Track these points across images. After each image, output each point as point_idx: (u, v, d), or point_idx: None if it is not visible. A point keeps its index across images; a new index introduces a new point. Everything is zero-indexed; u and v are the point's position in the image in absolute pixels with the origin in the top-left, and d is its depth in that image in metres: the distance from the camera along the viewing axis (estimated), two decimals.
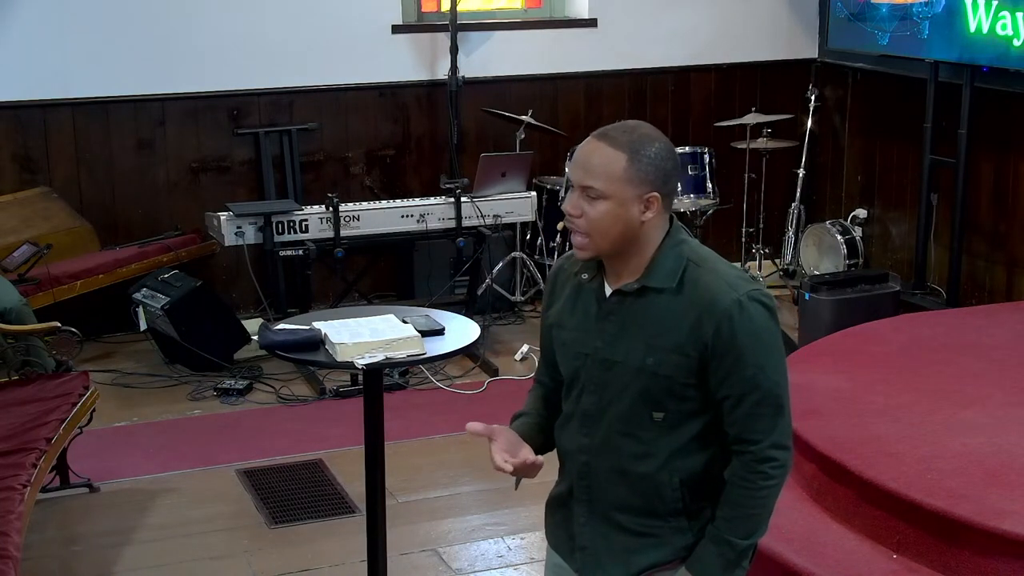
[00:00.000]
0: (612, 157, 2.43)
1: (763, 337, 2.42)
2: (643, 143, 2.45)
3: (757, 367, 2.41)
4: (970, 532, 3.69)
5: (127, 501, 4.89)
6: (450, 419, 5.66)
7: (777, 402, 2.43)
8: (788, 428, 2.46)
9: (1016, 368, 4.91)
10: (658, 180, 2.43)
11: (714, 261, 2.49)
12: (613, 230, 2.43)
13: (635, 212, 2.43)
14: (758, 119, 7.10)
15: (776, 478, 2.45)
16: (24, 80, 6.57)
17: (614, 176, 2.41)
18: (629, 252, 2.47)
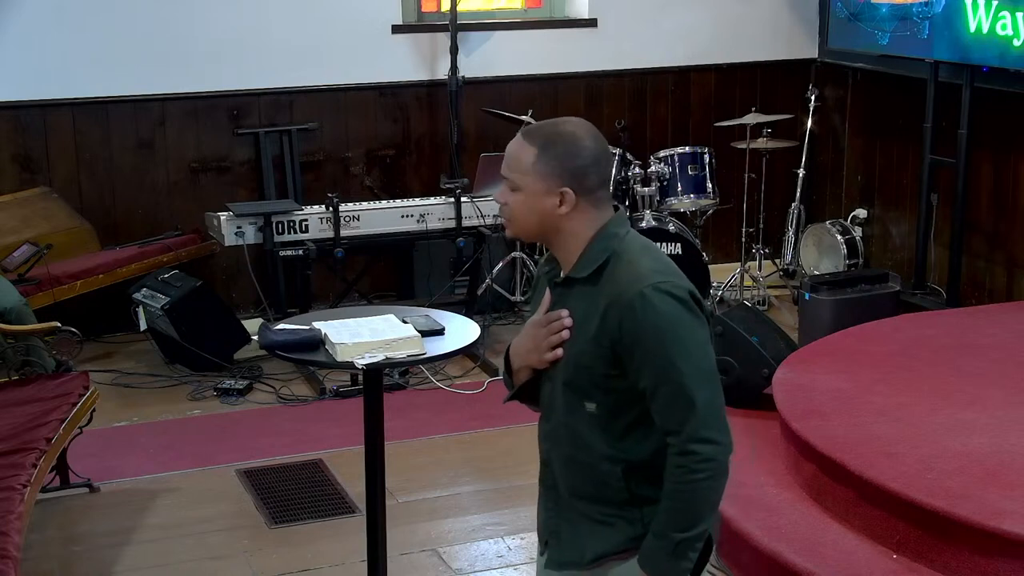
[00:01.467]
0: (524, 151, 2.50)
1: (668, 329, 2.40)
2: (556, 139, 2.49)
3: (665, 359, 2.40)
4: (970, 532, 3.69)
5: (127, 501, 4.89)
6: (450, 419, 5.66)
7: (688, 394, 2.39)
8: (711, 421, 2.41)
9: (1016, 368, 4.91)
10: (567, 175, 2.47)
11: (638, 254, 2.49)
12: (528, 220, 2.52)
13: (549, 205, 2.49)
14: (758, 119, 7.10)
15: (703, 472, 2.40)
16: (24, 80, 6.57)
17: (523, 169, 2.49)
18: (556, 243, 2.55)
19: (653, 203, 6.82)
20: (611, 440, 2.50)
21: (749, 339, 5.22)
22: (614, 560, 2.55)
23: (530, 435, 5.80)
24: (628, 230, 2.56)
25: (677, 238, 6.61)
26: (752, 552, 4.06)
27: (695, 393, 2.40)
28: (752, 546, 4.06)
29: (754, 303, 6.95)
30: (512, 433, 5.51)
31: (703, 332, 2.45)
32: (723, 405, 2.46)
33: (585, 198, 2.49)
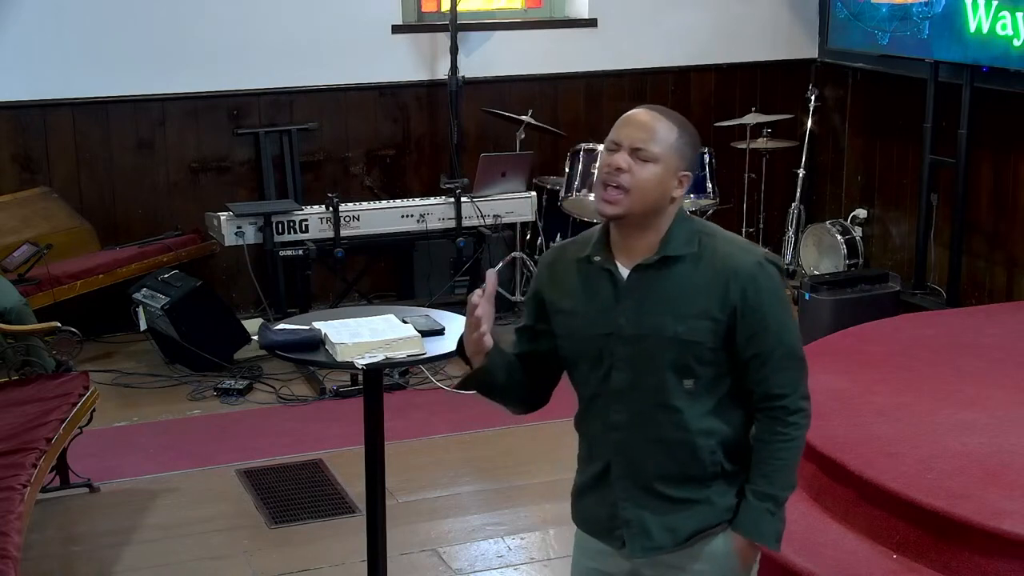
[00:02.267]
0: (668, 128, 2.58)
1: (781, 296, 2.57)
2: (684, 124, 2.62)
3: (780, 324, 2.55)
4: (970, 532, 3.69)
5: (127, 501, 4.89)
6: (450, 419, 5.66)
7: (799, 355, 2.59)
8: (805, 388, 2.60)
9: (1016, 368, 4.91)
10: (691, 162, 2.60)
11: (723, 231, 2.63)
12: (652, 194, 2.55)
13: (671, 184, 2.57)
14: (758, 119, 7.10)
15: (805, 427, 2.60)
16: (24, 80, 6.57)
17: (669, 144, 2.56)
18: (648, 224, 2.58)
19: None
20: (707, 414, 2.58)
21: None
22: (706, 536, 2.63)
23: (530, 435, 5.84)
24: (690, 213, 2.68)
25: None
26: None
27: (801, 353, 2.60)
28: None
29: None
30: (512, 433, 5.51)
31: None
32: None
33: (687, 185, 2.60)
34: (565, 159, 6.97)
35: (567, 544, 4.55)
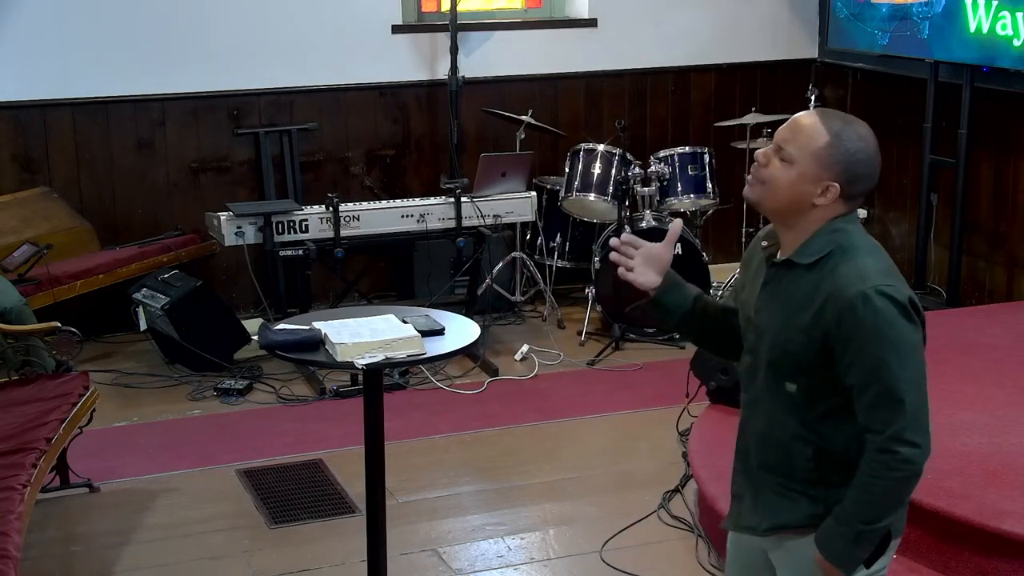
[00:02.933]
0: (818, 134, 2.54)
1: (886, 332, 2.45)
2: (848, 135, 2.54)
3: (879, 360, 2.45)
4: (970, 532, 3.69)
5: (127, 501, 4.89)
6: (450, 419, 5.66)
7: (897, 396, 2.45)
8: (915, 424, 2.46)
9: (1016, 368, 4.91)
10: (843, 173, 2.52)
11: (864, 253, 2.53)
12: (783, 193, 2.55)
13: (810, 190, 2.53)
14: (758, 119, 7.10)
15: (899, 471, 2.47)
16: (24, 80, 6.57)
17: (810, 151, 2.53)
18: (790, 223, 2.58)
19: (653, 203, 6.82)
20: (807, 421, 2.58)
21: None
22: (791, 533, 2.63)
23: (530, 435, 5.85)
24: (856, 227, 2.59)
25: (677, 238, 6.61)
26: None
27: (905, 396, 2.45)
28: None
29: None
30: (512, 433, 5.51)
31: (916, 338, 2.49)
32: (928, 411, 2.50)
33: (843, 201, 2.55)
34: (565, 159, 6.98)
35: (567, 544, 4.57)
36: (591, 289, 6.69)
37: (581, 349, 6.57)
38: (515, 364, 6.35)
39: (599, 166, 6.79)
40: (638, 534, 4.56)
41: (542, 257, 7.13)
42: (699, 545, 4.45)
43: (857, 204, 2.59)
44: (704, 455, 4.75)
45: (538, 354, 6.42)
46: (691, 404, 5.37)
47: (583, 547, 4.49)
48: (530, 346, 6.46)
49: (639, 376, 6.21)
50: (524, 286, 7.16)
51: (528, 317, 7.08)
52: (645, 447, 5.37)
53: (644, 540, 4.52)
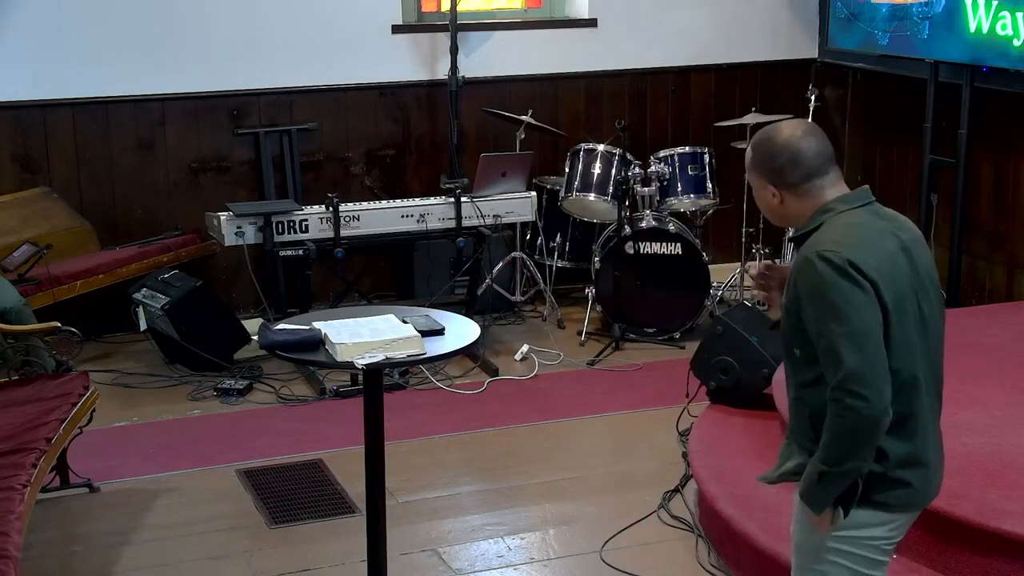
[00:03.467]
0: (748, 155, 2.92)
1: (824, 292, 2.69)
2: (757, 142, 2.89)
3: (821, 318, 2.71)
4: (970, 532, 3.69)
5: (127, 501, 4.89)
6: (450, 419, 5.66)
7: (836, 352, 2.67)
8: (856, 379, 2.66)
9: (1016, 368, 4.91)
10: (769, 173, 2.84)
11: (836, 227, 2.78)
12: (768, 214, 2.93)
13: (770, 200, 2.87)
14: (758, 119, 7.09)
15: (844, 418, 2.68)
16: (24, 80, 6.58)
17: (749, 172, 2.91)
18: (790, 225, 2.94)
19: (653, 203, 6.82)
20: (805, 383, 2.84)
21: (749, 339, 5.22)
22: (792, 481, 2.88)
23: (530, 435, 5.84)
24: (849, 207, 2.81)
25: (677, 238, 6.62)
26: (752, 552, 4.06)
27: (843, 351, 2.67)
28: (752, 546, 4.06)
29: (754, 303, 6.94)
30: (512, 433, 5.51)
31: (857, 298, 2.68)
32: (877, 365, 2.69)
33: (793, 191, 2.83)
34: (565, 159, 6.98)
35: (567, 544, 4.57)
36: (591, 289, 6.69)
37: (581, 349, 6.57)
38: (515, 364, 6.35)
39: (599, 166, 6.79)
40: (638, 534, 4.56)
41: (542, 257, 7.13)
42: (699, 545, 4.45)
43: (813, 189, 2.81)
44: (704, 455, 4.75)
45: (538, 354, 6.42)
46: (691, 404, 5.38)
47: (583, 547, 4.49)
48: (530, 346, 6.46)
49: (639, 376, 6.21)
50: (524, 286, 7.16)
51: (528, 317, 7.08)
52: (645, 447, 5.36)
53: (644, 540, 4.52)
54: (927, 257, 2.87)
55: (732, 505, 4.28)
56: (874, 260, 2.71)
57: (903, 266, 2.78)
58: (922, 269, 2.83)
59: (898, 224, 2.85)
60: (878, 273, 2.70)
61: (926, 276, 2.85)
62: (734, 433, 4.96)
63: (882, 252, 2.74)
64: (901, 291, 2.76)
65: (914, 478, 2.85)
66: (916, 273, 2.82)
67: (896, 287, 2.74)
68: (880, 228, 2.80)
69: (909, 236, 2.84)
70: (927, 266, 2.86)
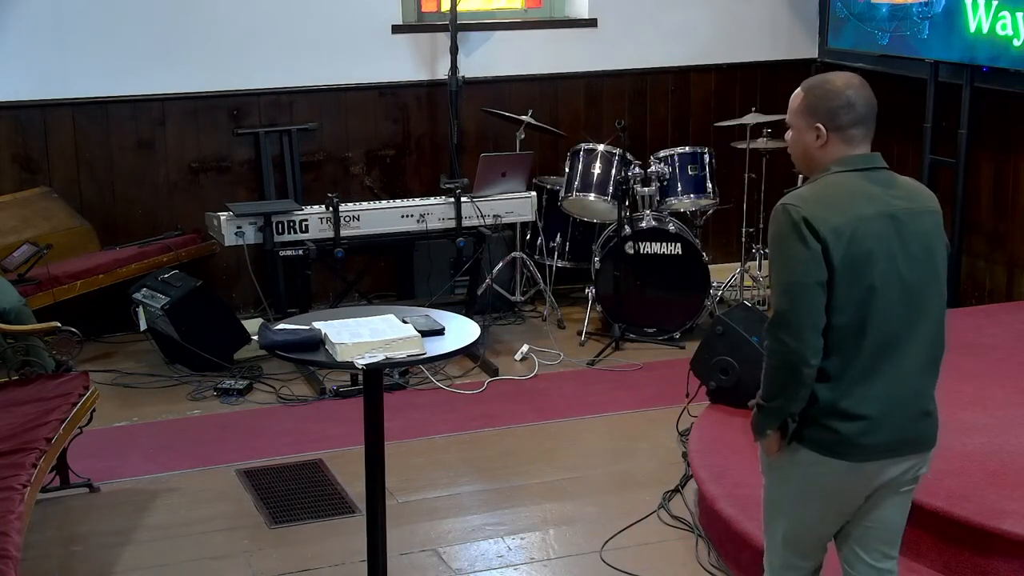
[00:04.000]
0: (795, 96, 3.08)
1: (775, 240, 2.95)
2: (814, 84, 3.06)
3: (771, 263, 3.00)
4: (970, 532, 3.69)
5: (127, 501, 4.89)
6: (450, 419, 5.66)
7: (775, 297, 2.95)
8: (781, 324, 2.92)
9: (1016, 368, 4.91)
10: (823, 114, 2.99)
11: (817, 183, 3.00)
12: (797, 154, 3.09)
13: (812, 139, 3.02)
14: (758, 119, 7.10)
15: (770, 358, 2.98)
16: (24, 80, 6.58)
17: (794, 110, 3.07)
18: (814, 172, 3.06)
19: (653, 203, 6.82)
20: None
21: (749, 339, 5.21)
22: None
23: (530, 435, 5.83)
24: (843, 169, 2.99)
25: (677, 238, 6.62)
26: (752, 552, 4.06)
27: (778, 299, 2.94)
28: (752, 546, 4.06)
29: (754, 303, 6.94)
30: (512, 433, 5.51)
31: (799, 253, 2.88)
32: (803, 315, 2.90)
33: (837, 133, 2.99)
34: (565, 159, 6.98)
35: (567, 544, 4.57)
36: (591, 289, 6.69)
37: (581, 349, 6.57)
38: (515, 364, 6.35)
39: (599, 166, 6.79)
40: (638, 534, 4.56)
41: (542, 257, 7.13)
42: (699, 545, 4.45)
43: (853, 139, 2.99)
44: (704, 455, 4.75)
45: (538, 354, 6.42)
46: (691, 404, 5.38)
47: (583, 547, 4.49)
48: (530, 346, 6.46)
49: (639, 376, 6.21)
50: (524, 286, 7.16)
51: (528, 317, 7.08)
52: (645, 447, 5.37)
53: (644, 540, 4.52)
54: (925, 228, 3.02)
55: (732, 505, 4.28)
56: (835, 220, 2.88)
57: (880, 231, 2.92)
58: (912, 237, 2.97)
59: (898, 193, 2.99)
60: (835, 234, 2.87)
61: (916, 244, 2.99)
62: (734, 433, 4.96)
63: (850, 214, 2.90)
64: (865, 253, 2.89)
65: (843, 428, 2.96)
66: (902, 240, 2.95)
67: (858, 249, 2.88)
68: (863, 192, 2.94)
69: (906, 205, 2.98)
70: (921, 236, 3.01)
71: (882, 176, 3.01)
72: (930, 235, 3.04)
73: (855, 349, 2.94)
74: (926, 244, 3.04)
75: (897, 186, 3.01)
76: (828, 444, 2.97)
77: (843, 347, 2.93)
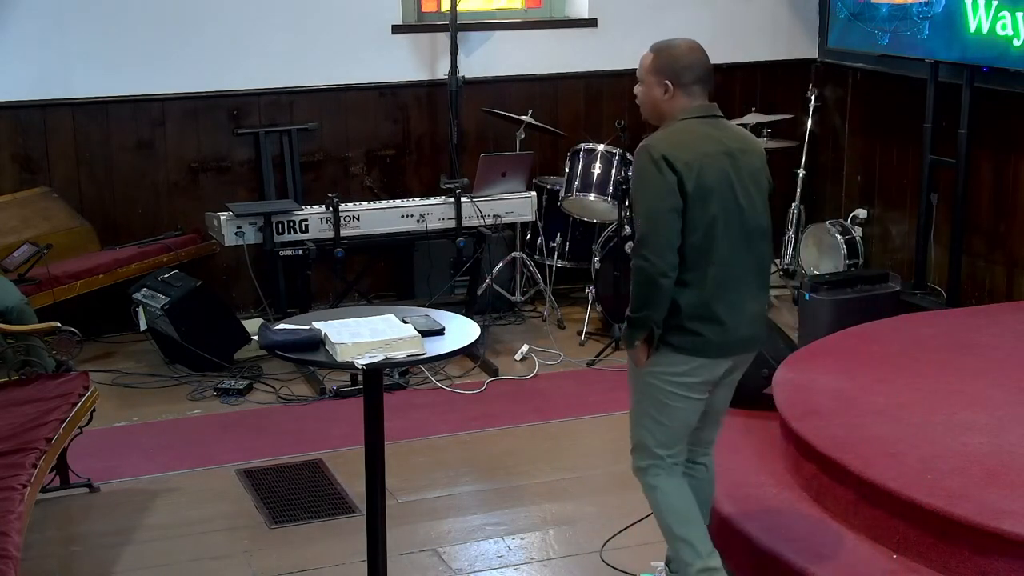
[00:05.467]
0: (646, 56, 3.68)
1: (638, 174, 3.57)
2: (661, 47, 3.65)
3: (634, 194, 3.64)
4: (970, 532, 3.69)
5: (127, 501, 4.89)
6: (450, 419, 5.66)
7: (640, 223, 3.54)
8: (644, 243, 3.50)
9: (1016, 368, 4.91)
10: (670, 72, 3.59)
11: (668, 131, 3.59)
12: (646, 106, 3.69)
13: (660, 93, 3.62)
14: (758, 119, 7.10)
15: (635, 274, 3.53)
16: (24, 80, 6.57)
17: (644, 68, 3.66)
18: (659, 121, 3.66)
19: None
20: None
21: None
22: None
23: (530, 435, 5.83)
24: (689, 116, 3.60)
25: None
26: (752, 552, 4.06)
27: (641, 222, 3.54)
28: (752, 546, 4.06)
29: None
30: (512, 433, 5.51)
31: (661, 183, 3.48)
32: (662, 236, 3.48)
33: (681, 89, 3.60)
34: (565, 159, 6.98)
35: (567, 544, 4.57)
36: (591, 289, 6.69)
37: (581, 349, 6.57)
38: (515, 364, 6.35)
39: (599, 166, 6.79)
40: (638, 534, 4.55)
41: (542, 257, 7.13)
42: None
43: (694, 93, 3.59)
44: None
45: (538, 354, 6.42)
46: None
47: (583, 547, 4.49)
48: (530, 346, 6.46)
49: None
50: (524, 286, 7.16)
51: (528, 317, 7.08)
52: None
53: (644, 540, 4.51)
54: (755, 165, 3.65)
55: (732, 505, 4.28)
56: (686, 157, 3.49)
57: (721, 166, 3.55)
58: (745, 171, 3.60)
59: (731, 135, 3.64)
60: (687, 167, 3.48)
61: (748, 177, 3.61)
62: (734, 433, 4.96)
63: (698, 152, 3.52)
64: (710, 184, 3.51)
65: (704, 329, 3.57)
66: (738, 173, 3.58)
67: (705, 181, 3.50)
68: (706, 135, 3.58)
69: (738, 146, 3.63)
70: (751, 170, 3.62)
71: (719, 123, 3.66)
72: (759, 171, 3.67)
73: (708, 264, 3.54)
74: (756, 178, 3.65)
75: (731, 130, 3.68)
76: (692, 346, 3.58)
77: (698, 263, 3.53)
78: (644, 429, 3.72)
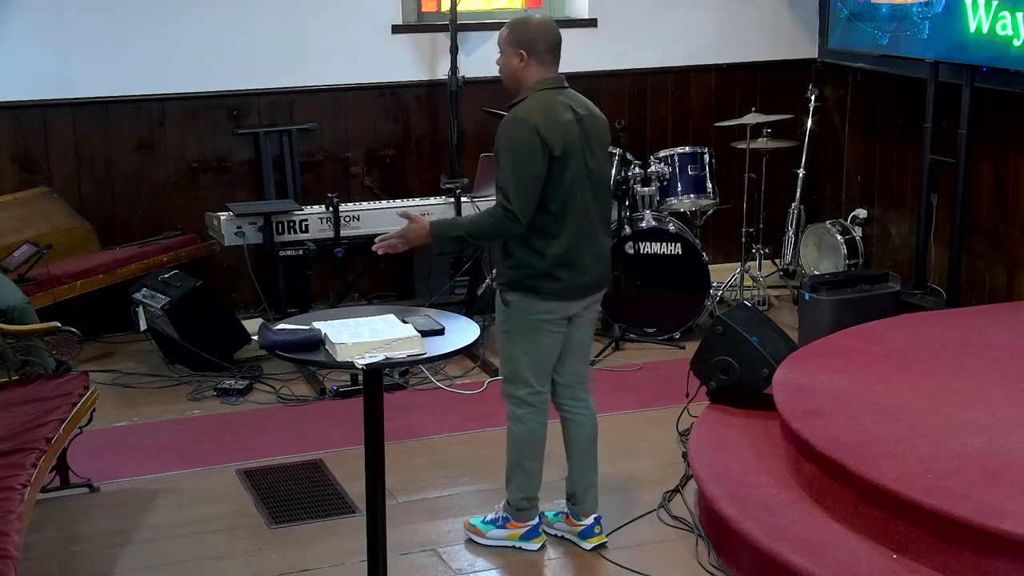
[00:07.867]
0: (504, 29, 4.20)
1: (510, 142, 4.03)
2: (517, 20, 4.23)
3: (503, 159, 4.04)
4: (970, 532, 3.69)
5: (127, 501, 4.89)
6: (450, 419, 5.66)
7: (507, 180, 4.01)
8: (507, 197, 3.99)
9: (1016, 368, 4.91)
10: (525, 42, 4.15)
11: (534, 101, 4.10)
12: (505, 71, 4.22)
13: (516, 62, 4.17)
14: (758, 119, 7.10)
15: (496, 219, 4.04)
16: (24, 80, 6.58)
17: (503, 40, 4.18)
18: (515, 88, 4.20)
19: (653, 203, 6.82)
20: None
21: (749, 339, 5.22)
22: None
23: None
24: (545, 87, 4.16)
25: (677, 238, 6.62)
26: (752, 552, 4.07)
27: (509, 182, 4.01)
28: (752, 546, 4.06)
29: (754, 303, 6.95)
30: None
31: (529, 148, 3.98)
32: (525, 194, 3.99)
33: (535, 57, 4.17)
34: None
35: (567, 543, 4.57)
36: None
37: None
38: None
39: None
40: (638, 534, 4.56)
41: None
42: (699, 545, 4.45)
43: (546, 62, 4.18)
44: (704, 455, 4.75)
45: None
46: (691, 404, 5.38)
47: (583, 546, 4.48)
48: None
49: (639, 376, 6.21)
50: None
51: None
52: (645, 447, 5.37)
53: (644, 540, 4.52)
54: (600, 130, 4.25)
55: (732, 505, 4.28)
56: (551, 125, 4.01)
57: (575, 131, 4.08)
58: (592, 134, 4.16)
59: (578, 103, 4.18)
60: (552, 134, 4.00)
61: (595, 140, 4.18)
62: (734, 433, 4.97)
63: (559, 120, 4.04)
64: (569, 148, 4.03)
65: (564, 274, 4.10)
66: (586, 137, 4.13)
67: (564, 145, 4.02)
68: (561, 103, 4.11)
69: (585, 112, 4.18)
70: (596, 133, 4.20)
71: (569, 93, 4.21)
72: (603, 135, 4.29)
73: (570, 217, 4.07)
74: (602, 142, 4.26)
75: (579, 99, 4.21)
76: (554, 290, 4.12)
77: (560, 218, 4.05)
78: (517, 362, 4.23)
